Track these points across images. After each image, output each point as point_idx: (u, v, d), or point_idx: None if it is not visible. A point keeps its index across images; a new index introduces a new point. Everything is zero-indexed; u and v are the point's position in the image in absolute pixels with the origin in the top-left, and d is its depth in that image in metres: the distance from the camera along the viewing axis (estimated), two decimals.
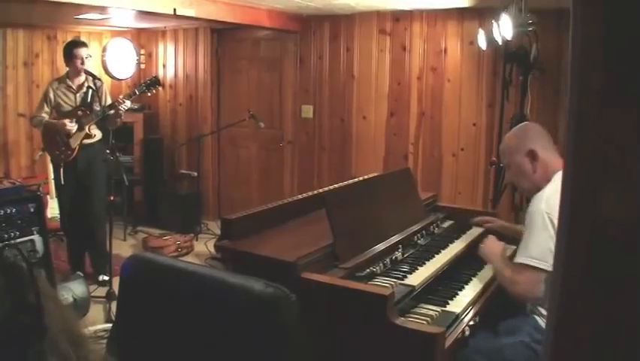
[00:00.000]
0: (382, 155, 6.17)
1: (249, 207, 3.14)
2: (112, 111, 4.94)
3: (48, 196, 6.06)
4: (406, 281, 2.60)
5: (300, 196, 3.28)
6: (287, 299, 1.67)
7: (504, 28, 4.01)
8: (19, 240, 3.13)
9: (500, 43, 4.53)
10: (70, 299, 4.26)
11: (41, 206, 3.29)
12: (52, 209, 5.87)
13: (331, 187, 3.31)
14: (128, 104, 4.99)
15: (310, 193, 3.32)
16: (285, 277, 2.39)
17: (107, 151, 4.94)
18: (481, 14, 5.27)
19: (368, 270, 2.62)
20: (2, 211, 3.08)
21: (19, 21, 6.37)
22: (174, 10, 4.76)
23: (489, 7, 5.00)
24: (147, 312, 1.91)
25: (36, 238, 3.20)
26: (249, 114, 6.45)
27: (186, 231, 6.62)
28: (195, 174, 7.12)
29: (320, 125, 6.57)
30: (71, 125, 4.89)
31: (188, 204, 7.02)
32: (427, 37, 5.76)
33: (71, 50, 4.99)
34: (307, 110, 6.66)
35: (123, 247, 6.35)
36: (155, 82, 5.28)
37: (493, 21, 4.39)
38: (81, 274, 4.95)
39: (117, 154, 4.83)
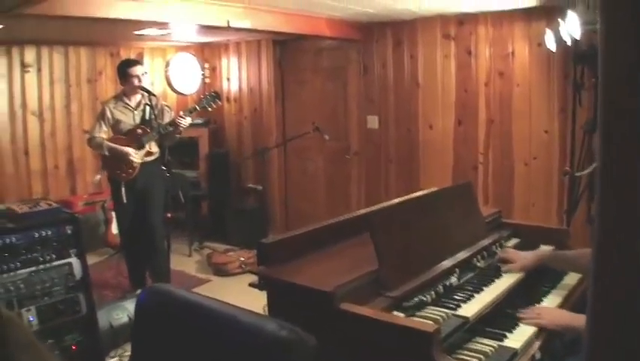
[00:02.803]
0: (451, 165, 5.88)
1: (317, 221, 2.96)
2: (171, 128, 4.89)
3: (113, 213, 6.10)
4: (460, 312, 2.31)
5: (344, 217, 3.04)
6: (301, 344, 1.47)
7: (571, 26, 3.68)
8: (55, 263, 3.05)
9: (569, 43, 4.19)
10: (125, 318, 4.20)
11: (79, 228, 3.20)
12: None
13: (376, 207, 3.07)
14: (188, 120, 4.92)
15: (355, 214, 3.08)
16: (322, 309, 2.21)
17: (163, 168, 4.88)
18: (549, 13, 4.88)
19: (417, 299, 2.35)
20: (38, 234, 3.01)
21: (81, 39, 6.46)
22: (227, 22, 4.65)
23: (556, 6, 4.64)
24: (161, 346, 1.82)
25: (74, 260, 3.11)
26: (313, 127, 6.28)
27: (253, 246, 6.50)
28: (260, 187, 7.02)
29: (386, 136, 6.34)
30: (135, 155, 4.86)
31: (254, 218, 6.92)
32: (492, 40, 5.43)
33: (125, 69, 4.96)
34: (373, 121, 6.45)
35: (188, 264, 6.31)
36: (215, 97, 5.21)
37: (560, 20, 4.06)
38: (139, 293, 4.91)
39: (173, 171, 4.75)
